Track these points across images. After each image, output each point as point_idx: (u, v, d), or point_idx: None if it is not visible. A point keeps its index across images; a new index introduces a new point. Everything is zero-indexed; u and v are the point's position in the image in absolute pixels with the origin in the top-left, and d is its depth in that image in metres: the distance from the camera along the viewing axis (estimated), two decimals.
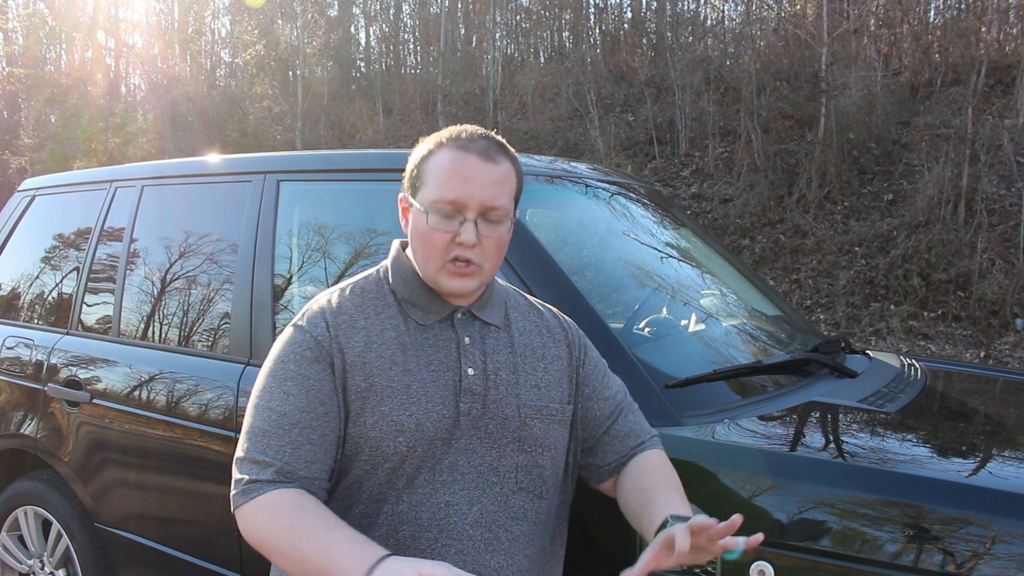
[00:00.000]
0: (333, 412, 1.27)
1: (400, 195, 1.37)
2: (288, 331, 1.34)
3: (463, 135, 1.31)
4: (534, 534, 1.35)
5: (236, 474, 1.25)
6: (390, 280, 1.38)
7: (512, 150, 1.36)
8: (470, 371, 1.32)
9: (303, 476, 1.23)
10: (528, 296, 1.52)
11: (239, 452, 1.26)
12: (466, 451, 1.30)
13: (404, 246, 1.42)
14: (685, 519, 1.18)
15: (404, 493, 1.27)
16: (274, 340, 2.08)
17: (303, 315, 1.35)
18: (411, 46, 19.13)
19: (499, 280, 1.47)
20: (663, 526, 1.20)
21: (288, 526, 1.16)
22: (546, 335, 1.44)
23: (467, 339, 1.35)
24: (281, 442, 1.23)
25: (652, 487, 1.34)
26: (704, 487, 1.51)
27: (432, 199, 1.27)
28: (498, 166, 1.29)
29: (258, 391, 1.30)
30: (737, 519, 1.11)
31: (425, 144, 1.34)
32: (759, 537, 1.12)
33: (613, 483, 1.44)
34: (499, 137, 1.35)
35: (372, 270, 1.43)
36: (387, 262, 1.42)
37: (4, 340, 2.89)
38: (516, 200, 1.35)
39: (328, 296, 1.37)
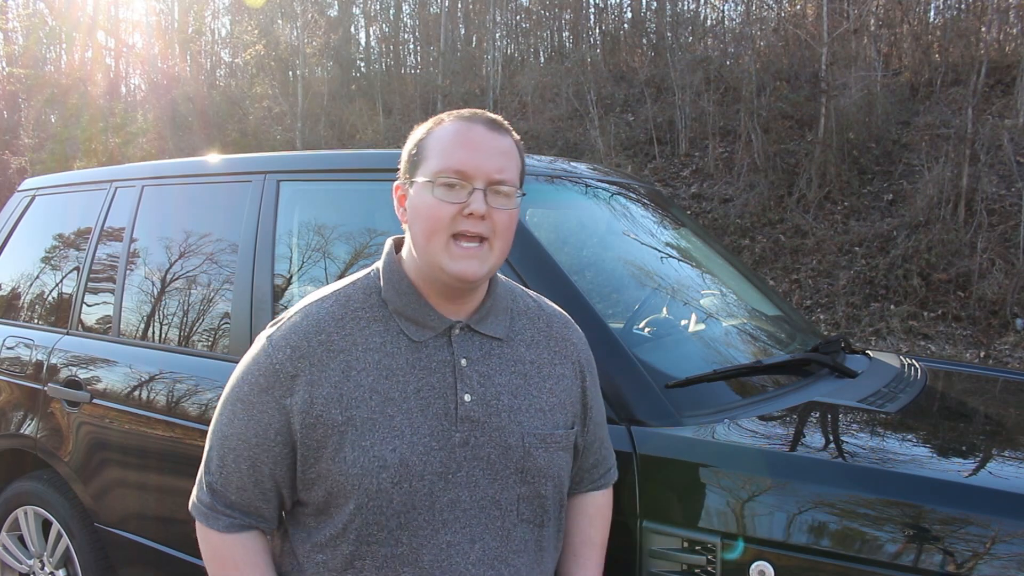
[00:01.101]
0: (266, 446, 1.21)
1: (396, 183, 1.28)
2: (259, 342, 1.27)
3: (466, 112, 1.25)
4: (534, 563, 1.29)
5: (197, 480, 1.30)
6: (381, 287, 1.27)
7: (515, 133, 1.29)
8: (467, 397, 1.22)
9: (235, 502, 1.25)
10: (536, 297, 1.42)
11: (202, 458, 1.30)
12: (468, 485, 1.21)
13: (398, 246, 1.32)
14: None
15: (402, 535, 1.19)
16: None
17: (279, 326, 1.26)
18: (411, 46, 19.14)
19: (503, 278, 1.37)
20: None
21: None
22: (553, 349, 1.34)
23: (464, 361, 1.24)
24: (219, 464, 1.25)
25: (579, 544, 1.38)
26: (704, 487, 1.51)
27: (437, 169, 1.18)
28: (504, 137, 1.22)
29: (221, 400, 1.29)
30: None
31: (424, 125, 1.26)
32: None
33: None
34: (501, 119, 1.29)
35: (363, 273, 1.32)
36: (379, 264, 1.30)
37: (4, 340, 2.89)
38: (521, 183, 1.26)
39: (309, 307, 1.27)
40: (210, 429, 1.28)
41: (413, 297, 1.25)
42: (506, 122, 1.28)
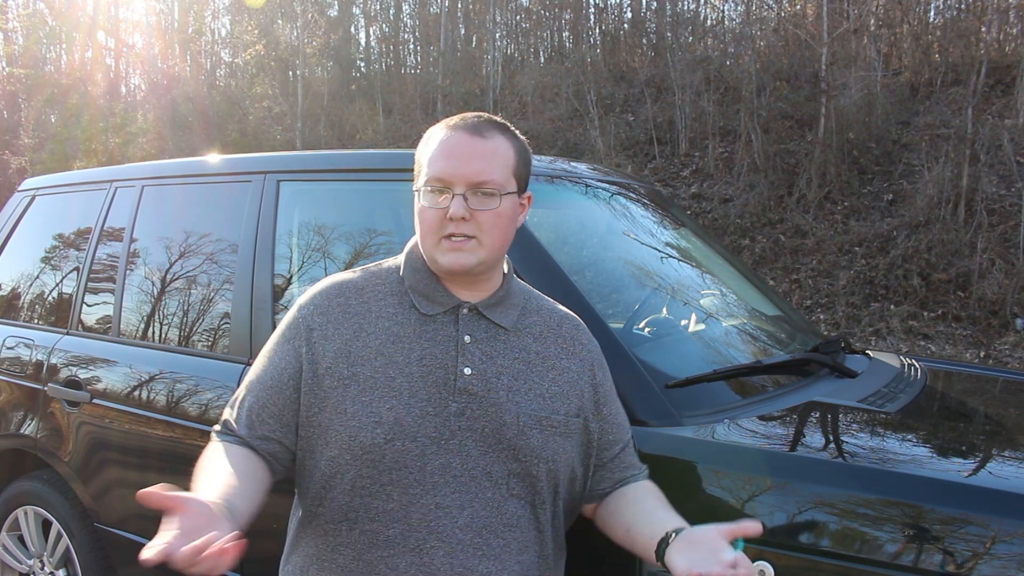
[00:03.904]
0: (277, 388, 1.33)
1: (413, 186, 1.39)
2: (292, 308, 1.41)
3: (457, 119, 1.33)
4: (528, 541, 1.32)
5: None
6: (401, 269, 1.38)
7: (514, 131, 1.35)
8: (467, 371, 1.29)
9: (242, 435, 1.34)
10: (552, 302, 1.48)
11: None
12: (460, 453, 1.27)
13: None
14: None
15: (393, 491, 1.26)
16: None
17: (307, 292, 1.40)
18: (411, 46, 19.13)
19: (521, 281, 1.44)
20: (665, 540, 1.23)
21: (200, 467, 1.29)
22: (561, 346, 1.40)
23: (467, 338, 1.31)
24: (240, 405, 1.37)
25: (651, 507, 1.36)
26: (704, 487, 1.51)
27: (424, 179, 1.30)
28: (487, 140, 1.29)
29: (261, 351, 1.42)
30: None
31: (425, 135, 1.37)
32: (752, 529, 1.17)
33: (595, 507, 1.44)
34: (499, 119, 1.35)
35: (390, 258, 1.44)
36: (404, 252, 1.42)
37: (4, 340, 2.89)
38: (521, 179, 1.33)
39: (335, 277, 1.41)
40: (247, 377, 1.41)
41: (427, 274, 1.35)
42: (502, 122, 1.34)
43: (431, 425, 1.27)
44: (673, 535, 1.22)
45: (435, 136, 1.32)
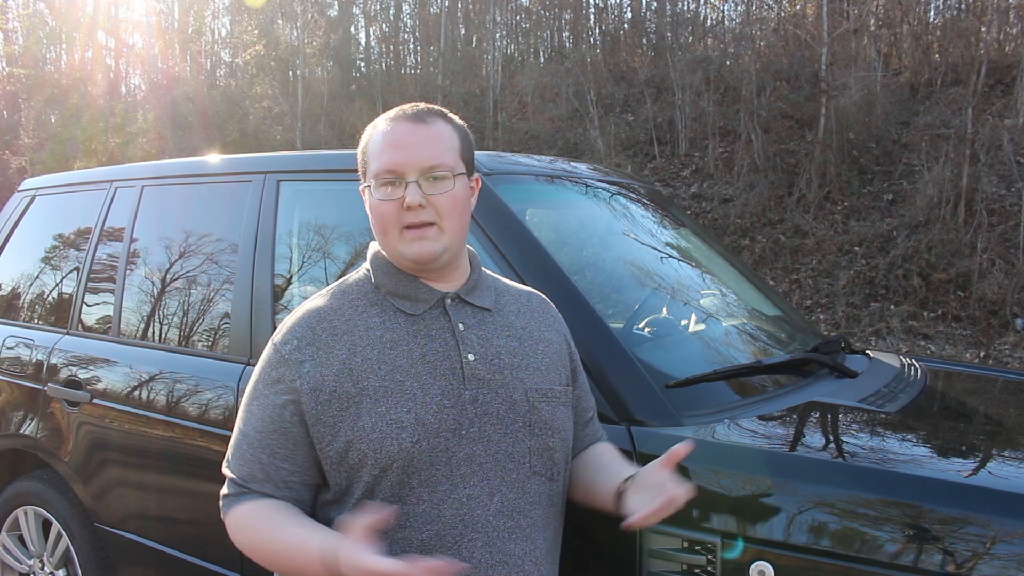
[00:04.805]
0: (283, 430, 1.29)
1: (360, 187, 1.38)
2: (266, 349, 1.36)
3: (396, 111, 1.34)
4: (550, 517, 1.36)
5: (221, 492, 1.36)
6: (372, 278, 1.37)
7: (453, 116, 1.37)
8: (470, 357, 1.30)
9: (260, 491, 1.30)
10: (513, 282, 1.52)
11: (223, 465, 1.36)
12: (481, 440, 1.28)
13: None
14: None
15: (423, 492, 1.25)
16: None
17: (280, 329, 1.35)
18: (411, 46, 19.13)
19: (484, 269, 1.47)
20: (621, 490, 1.30)
21: (260, 537, 1.27)
22: (538, 319, 1.44)
23: (461, 325, 1.33)
24: (243, 460, 1.32)
25: (608, 462, 1.43)
26: (704, 487, 1.51)
27: (375, 172, 1.30)
28: (430, 126, 1.31)
29: (241, 405, 1.37)
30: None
31: (366, 131, 1.37)
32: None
33: None
34: (437, 107, 1.36)
35: (352, 273, 1.42)
36: (366, 262, 1.41)
37: (4, 340, 2.89)
38: (467, 161, 1.35)
39: (307, 305, 1.37)
40: (234, 433, 1.35)
41: (402, 276, 1.34)
42: (439, 109, 1.36)
43: (450, 417, 1.27)
44: (626, 482, 1.29)
45: (377, 131, 1.33)
